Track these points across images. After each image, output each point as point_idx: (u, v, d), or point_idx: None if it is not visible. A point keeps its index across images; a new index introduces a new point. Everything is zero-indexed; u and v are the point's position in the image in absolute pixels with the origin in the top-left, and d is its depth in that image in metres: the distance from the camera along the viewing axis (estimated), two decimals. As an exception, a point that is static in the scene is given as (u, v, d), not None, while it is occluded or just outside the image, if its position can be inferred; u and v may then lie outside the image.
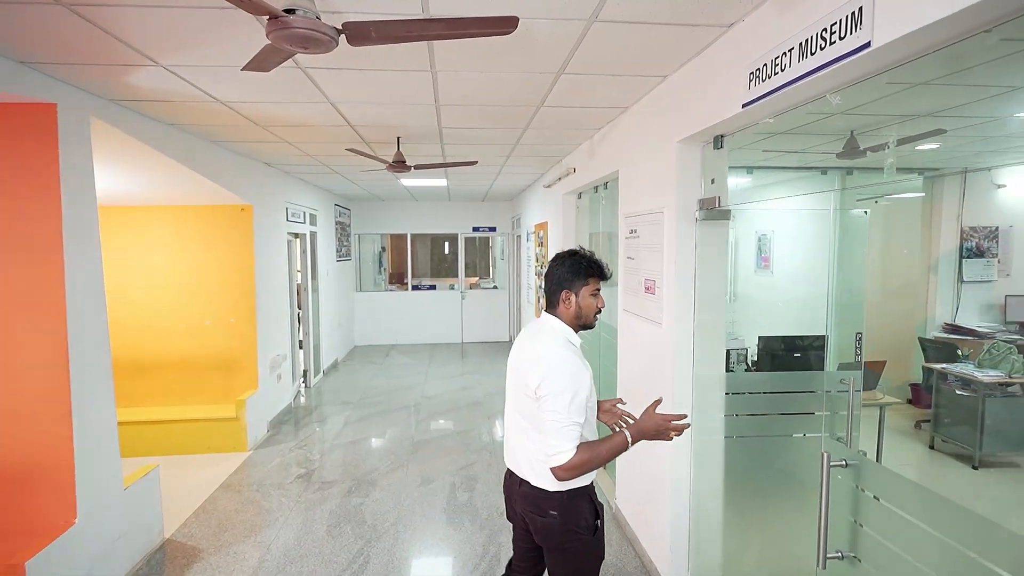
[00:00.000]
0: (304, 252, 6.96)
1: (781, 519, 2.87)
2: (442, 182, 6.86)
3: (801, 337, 3.84)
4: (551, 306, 1.90)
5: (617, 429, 1.91)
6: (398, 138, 4.06)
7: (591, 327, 1.92)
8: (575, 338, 1.86)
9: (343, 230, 9.13)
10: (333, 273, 8.34)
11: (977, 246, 6.20)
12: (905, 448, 5.07)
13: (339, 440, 5.11)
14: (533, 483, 1.81)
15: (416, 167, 4.08)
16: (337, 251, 8.68)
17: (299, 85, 2.82)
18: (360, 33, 1.58)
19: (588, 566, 1.85)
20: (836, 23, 1.49)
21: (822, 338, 3.86)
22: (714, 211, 2.56)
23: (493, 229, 10.18)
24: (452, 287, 10.37)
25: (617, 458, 2.54)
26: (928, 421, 5.26)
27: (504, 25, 1.53)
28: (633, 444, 1.74)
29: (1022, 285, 6.26)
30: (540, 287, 6.76)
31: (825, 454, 1.69)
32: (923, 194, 6.24)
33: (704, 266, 2.63)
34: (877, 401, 4.00)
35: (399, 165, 3.97)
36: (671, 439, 1.77)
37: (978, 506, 3.89)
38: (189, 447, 4.68)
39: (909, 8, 1.27)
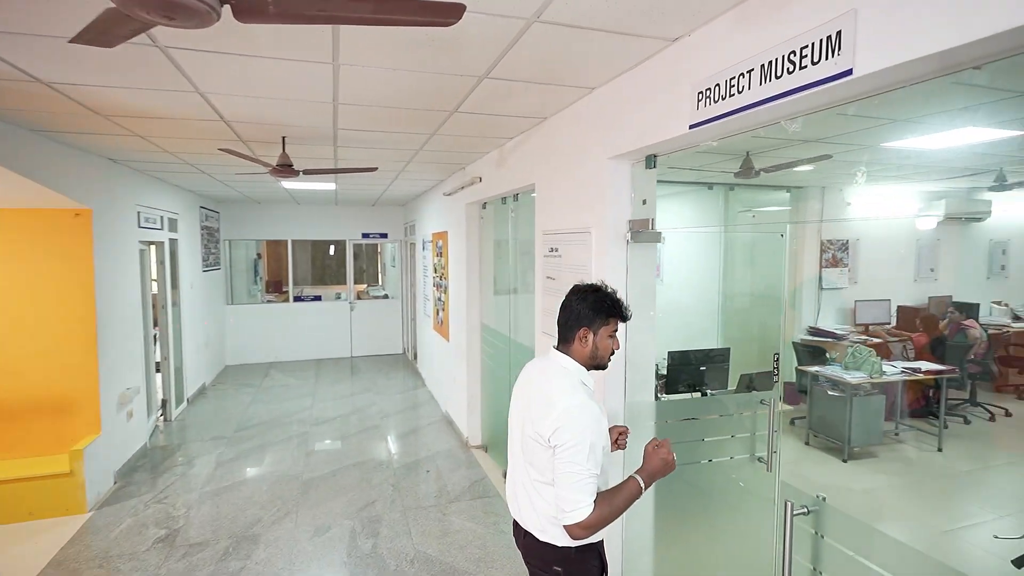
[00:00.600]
0: (162, 262, 5.96)
1: (711, 543, 2.85)
2: (330, 186, 6.26)
3: (708, 351, 3.94)
4: (564, 342, 1.73)
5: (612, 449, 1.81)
6: (283, 138, 3.52)
7: (604, 368, 1.76)
8: (589, 379, 1.72)
9: (211, 236, 8.04)
10: (199, 285, 7.29)
11: (833, 257, 6.96)
12: (785, 446, 5.49)
13: (210, 487, 4.36)
14: (540, 538, 1.69)
15: (306, 172, 3.57)
16: (204, 260, 7.61)
17: (157, 69, 2.25)
18: (253, 6, 1.18)
19: None
20: (808, 46, 1.39)
21: (726, 351, 3.99)
22: (646, 233, 2.45)
23: (384, 235, 9.61)
24: (339, 296, 9.62)
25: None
26: (803, 418, 5.75)
27: (447, 14, 1.23)
28: (647, 488, 1.65)
29: (867, 291, 7.13)
30: (439, 299, 6.43)
31: (788, 503, 1.60)
32: (790, 207, 6.88)
33: (635, 290, 2.51)
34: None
35: (285, 170, 3.44)
36: (675, 468, 1.70)
37: (852, 498, 4.16)
38: (6, 515, 3.70)
39: (898, 38, 1.18)
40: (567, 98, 2.70)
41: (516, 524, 1.80)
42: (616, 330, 1.74)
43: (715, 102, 1.73)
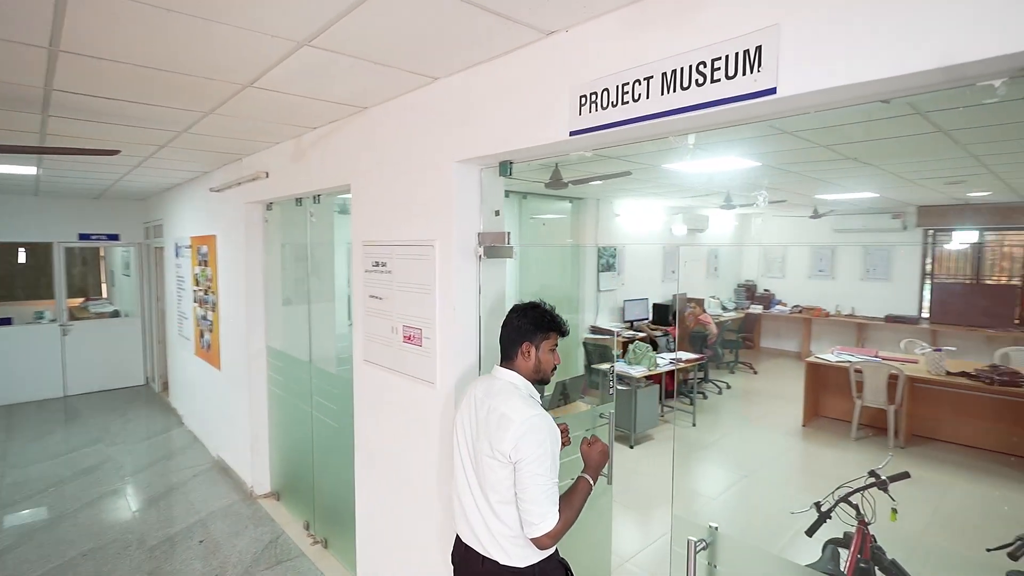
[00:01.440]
0: None
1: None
2: (29, 170, 4.55)
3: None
4: (508, 359, 1.80)
5: None
6: (-55, 93, 2.30)
7: (547, 383, 1.84)
8: (535, 393, 1.78)
9: None
10: None
11: (607, 263, 7.79)
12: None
13: None
14: (503, 562, 1.67)
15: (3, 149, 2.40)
16: None
17: None
18: None
19: None
20: (722, 59, 1.30)
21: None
22: (500, 248, 2.20)
23: (115, 237, 7.53)
24: (42, 316, 7.23)
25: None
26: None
27: None
28: (595, 483, 1.75)
29: (632, 291, 8.18)
30: (204, 318, 5.22)
31: (690, 541, 1.52)
32: (567, 215, 7.47)
33: (485, 310, 2.25)
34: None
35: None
36: (609, 455, 1.82)
37: (639, 480, 4.56)
38: None
39: (826, 62, 1.14)
40: (401, 85, 2.29)
41: (465, 553, 1.76)
42: (556, 345, 1.82)
43: (603, 108, 1.56)
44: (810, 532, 2.60)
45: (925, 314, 8.55)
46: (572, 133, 1.66)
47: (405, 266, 2.42)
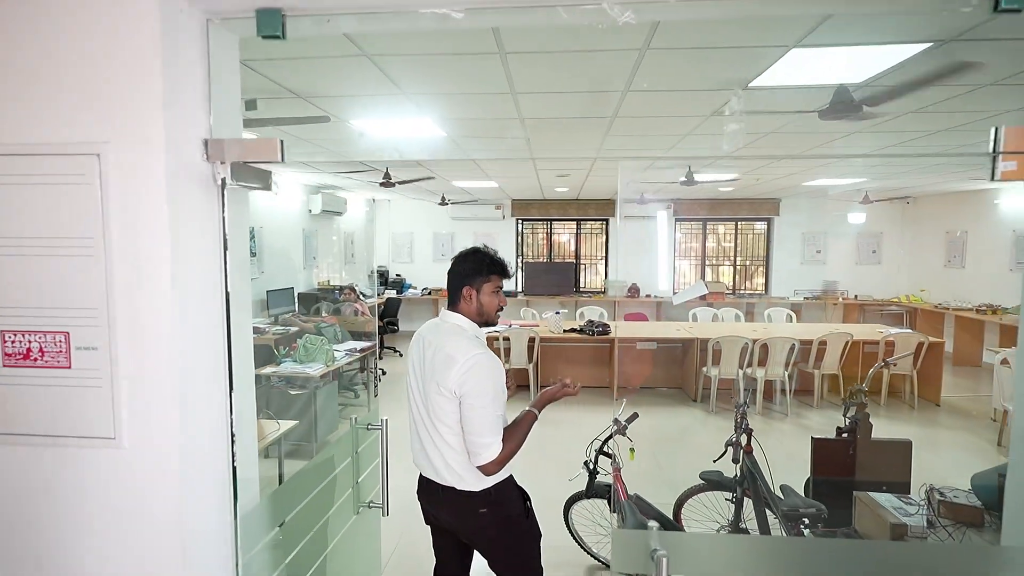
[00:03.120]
0: None
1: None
2: None
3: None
4: (453, 303, 1.87)
5: None
6: None
7: (493, 324, 1.90)
8: (481, 333, 1.87)
9: None
10: None
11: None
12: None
13: None
14: (458, 487, 1.78)
15: None
16: None
17: None
18: None
19: (528, 550, 1.90)
20: None
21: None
22: (255, 170, 1.26)
23: None
24: None
25: None
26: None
27: None
28: (540, 412, 1.89)
29: (274, 280, 6.97)
30: None
31: None
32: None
33: (233, 266, 1.26)
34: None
35: None
36: (577, 392, 1.93)
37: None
38: None
39: None
40: None
41: (427, 486, 1.87)
42: (500, 287, 1.87)
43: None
44: (588, 494, 2.60)
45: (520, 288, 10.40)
46: None
47: (22, 199, 1.13)
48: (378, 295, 9.92)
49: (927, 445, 5.04)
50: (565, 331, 6.61)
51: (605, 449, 2.67)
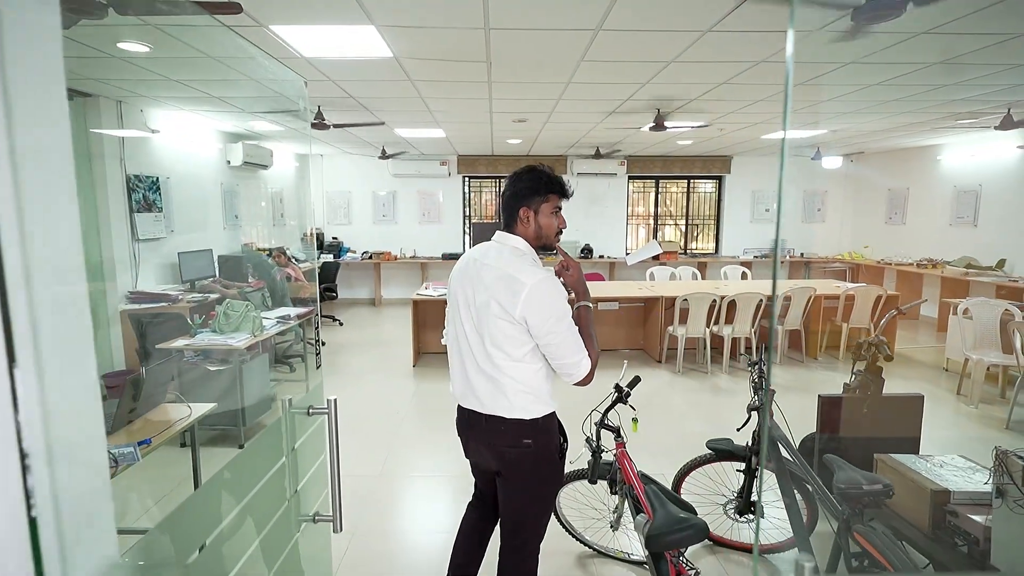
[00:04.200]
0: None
1: None
2: None
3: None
4: (508, 226, 1.77)
5: None
6: None
7: (551, 249, 1.79)
8: (538, 259, 1.77)
9: None
10: None
11: (144, 199, 5.37)
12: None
13: None
14: (507, 416, 1.70)
15: None
16: None
17: None
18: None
19: (551, 493, 1.83)
20: None
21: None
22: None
23: None
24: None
25: None
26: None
27: None
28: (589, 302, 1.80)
29: (188, 241, 6.01)
30: None
31: None
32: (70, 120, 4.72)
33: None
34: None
35: None
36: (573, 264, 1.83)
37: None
38: None
39: None
40: None
41: (468, 417, 1.78)
42: (559, 208, 1.76)
43: None
44: (593, 476, 2.13)
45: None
46: None
47: None
48: (314, 260, 9.03)
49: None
50: (523, 292, 6.12)
51: (606, 422, 2.22)
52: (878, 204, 9.39)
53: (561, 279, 1.73)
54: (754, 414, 2.31)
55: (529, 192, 1.72)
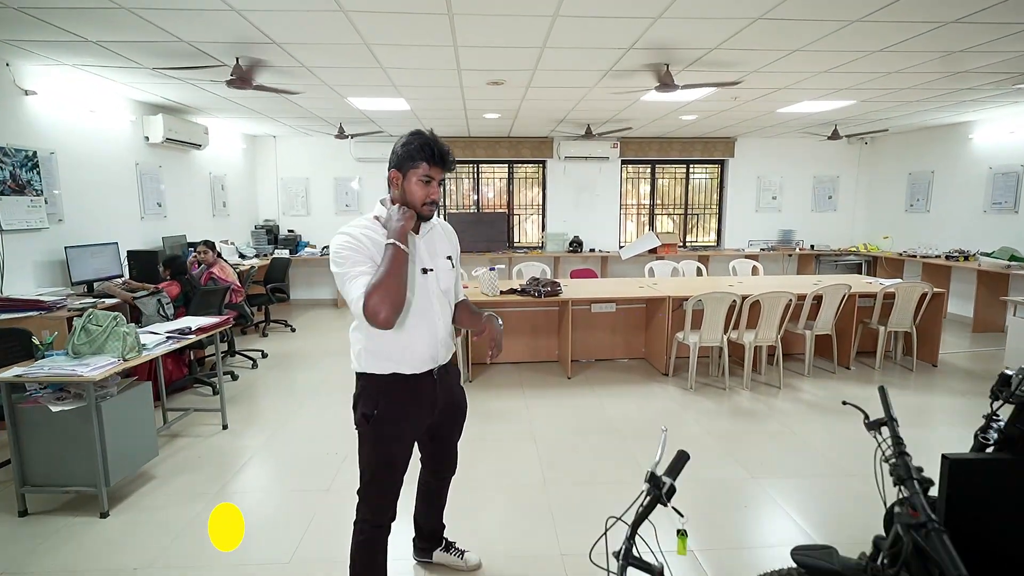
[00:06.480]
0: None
1: None
2: None
3: None
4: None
5: None
6: None
7: (425, 219, 1.72)
8: (381, 214, 1.71)
9: None
10: None
11: (13, 177, 4.20)
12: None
13: None
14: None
15: None
16: None
17: None
18: None
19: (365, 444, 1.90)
20: None
21: None
22: None
23: None
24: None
25: None
26: (5, 464, 3.10)
27: None
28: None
29: (84, 233, 4.85)
30: None
31: None
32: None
33: None
34: None
35: None
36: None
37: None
38: None
39: None
40: None
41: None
42: (430, 177, 1.66)
43: None
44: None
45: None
46: None
47: None
48: (264, 256, 7.87)
49: (953, 419, 4.00)
50: (502, 292, 5.07)
51: (634, 550, 1.17)
52: (897, 190, 8.47)
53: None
54: (893, 515, 1.28)
55: (402, 156, 1.66)
